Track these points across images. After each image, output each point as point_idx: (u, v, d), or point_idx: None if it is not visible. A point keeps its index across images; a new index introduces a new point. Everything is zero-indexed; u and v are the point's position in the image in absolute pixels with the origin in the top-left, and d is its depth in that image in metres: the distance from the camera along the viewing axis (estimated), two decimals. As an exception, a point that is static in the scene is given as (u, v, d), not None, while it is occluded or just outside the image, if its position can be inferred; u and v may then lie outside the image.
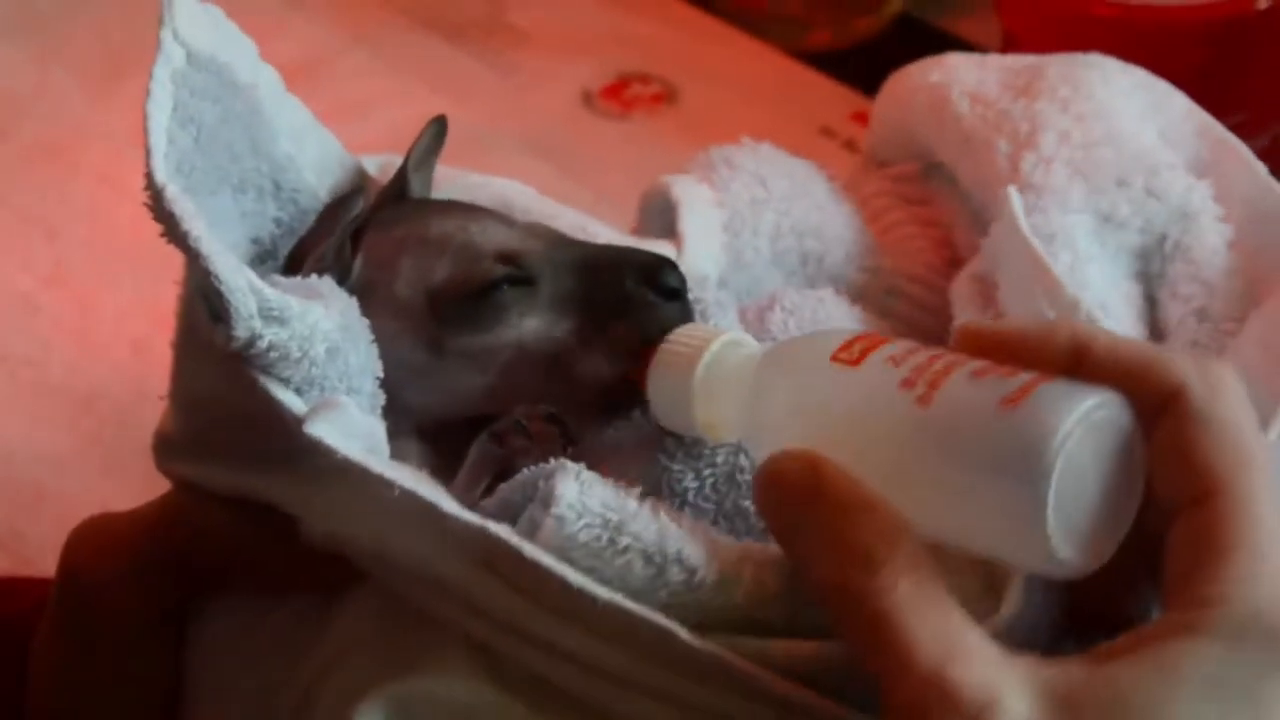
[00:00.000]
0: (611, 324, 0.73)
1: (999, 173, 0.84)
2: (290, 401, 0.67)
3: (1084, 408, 0.62)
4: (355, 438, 0.66)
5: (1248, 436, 0.64)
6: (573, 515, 0.65)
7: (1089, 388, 0.63)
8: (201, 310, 0.67)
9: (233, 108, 0.73)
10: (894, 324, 0.86)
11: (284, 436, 0.66)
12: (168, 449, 0.73)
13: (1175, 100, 0.88)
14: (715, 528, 0.72)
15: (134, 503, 0.73)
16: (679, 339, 0.71)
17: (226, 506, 0.70)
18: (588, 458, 0.69)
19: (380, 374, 0.71)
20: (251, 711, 0.71)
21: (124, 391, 1.05)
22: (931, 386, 0.64)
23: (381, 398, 0.71)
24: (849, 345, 0.67)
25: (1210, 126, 0.87)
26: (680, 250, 0.84)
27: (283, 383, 0.67)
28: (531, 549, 0.64)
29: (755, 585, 0.66)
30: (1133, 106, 0.87)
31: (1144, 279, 0.84)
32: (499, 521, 0.65)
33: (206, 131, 0.71)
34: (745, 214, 0.86)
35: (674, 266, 0.73)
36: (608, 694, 0.65)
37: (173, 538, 0.71)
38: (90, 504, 0.98)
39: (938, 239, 0.89)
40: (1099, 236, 0.83)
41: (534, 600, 0.65)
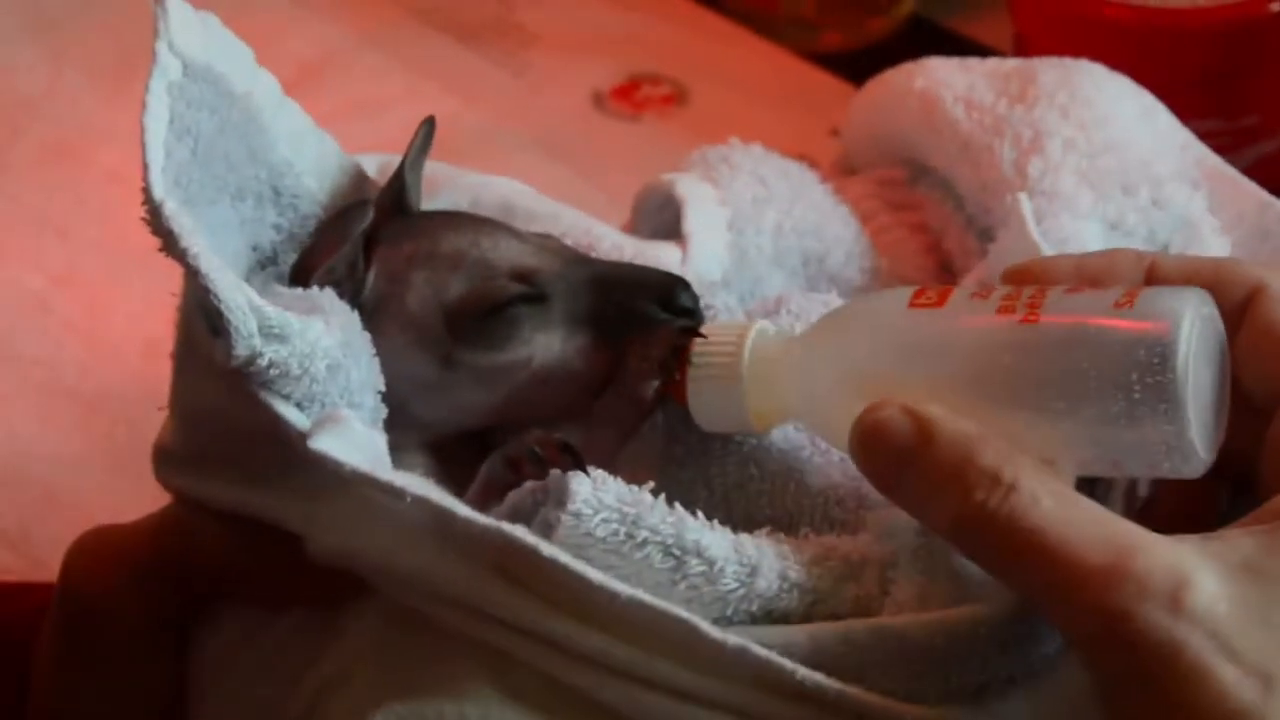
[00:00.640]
0: (628, 341, 0.72)
1: (1004, 177, 0.85)
2: (293, 417, 0.67)
3: (1194, 303, 0.63)
4: (359, 450, 0.66)
5: None
6: (589, 511, 0.65)
7: (1185, 289, 0.64)
8: (200, 324, 0.67)
9: (229, 117, 0.72)
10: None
11: (286, 451, 0.66)
12: (167, 462, 0.73)
13: (1160, 113, 0.89)
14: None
15: (144, 503, 0.73)
16: (710, 341, 0.71)
17: (226, 519, 0.70)
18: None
19: (382, 388, 0.71)
20: None
21: (135, 392, 1.05)
22: (1032, 307, 0.65)
23: (383, 412, 0.71)
24: (923, 292, 0.68)
25: (1193, 143, 0.88)
26: (686, 250, 0.84)
27: (284, 398, 0.67)
28: (549, 548, 0.64)
29: (775, 575, 0.67)
30: (1126, 115, 0.87)
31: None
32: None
33: (204, 142, 0.71)
34: (748, 212, 0.86)
35: (687, 286, 0.73)
36: (626, 696, 0.65)
37: (172, 549, 0.71)
38: (101, 505, 0.99)
39: (927, 244, 0.89)
40: (1106, 244, 0.83)
41: (550, 602, 0.65)
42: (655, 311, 0.73)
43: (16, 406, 1.06)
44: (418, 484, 0.65)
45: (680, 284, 0.73)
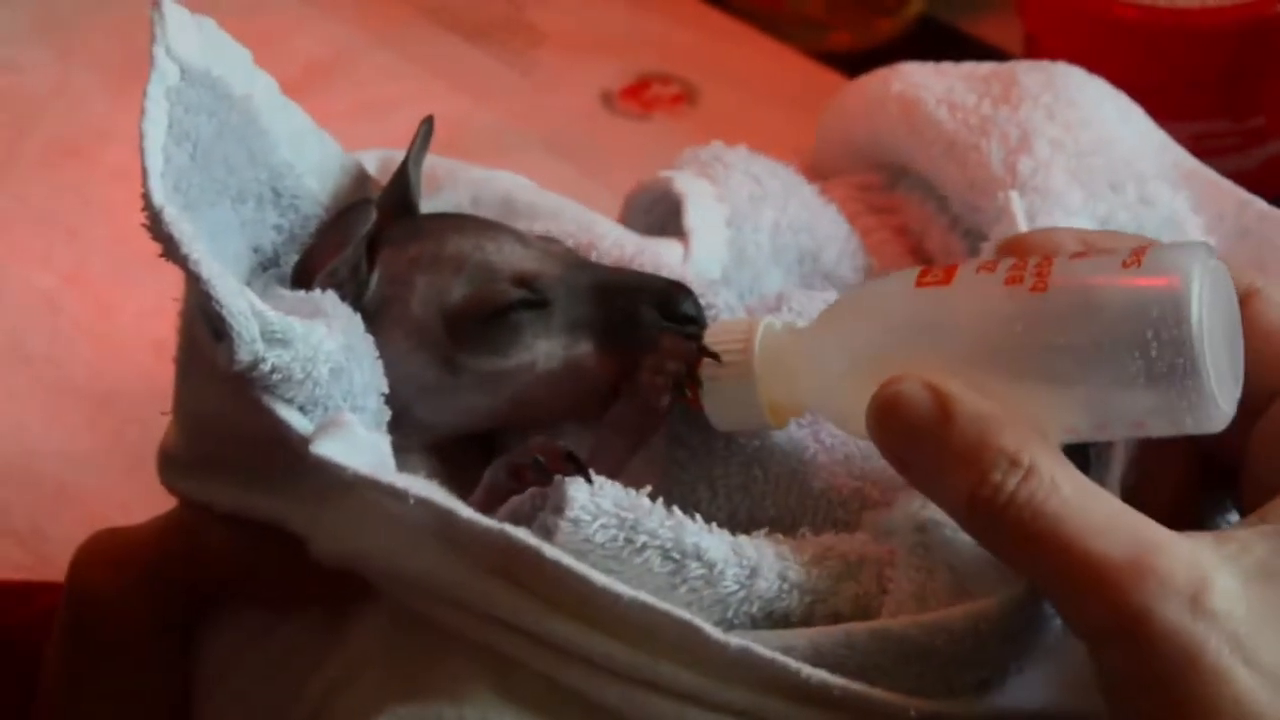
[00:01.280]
0: (630, 348, 0.72)
1: (994, 176, 0.85)
2: (295, 421, 0.67)
3: (1201, 256, 0.63)
4: (362, 454, 0.66)
5: None
6: (587, 517, 0.65)
7: (1189, 242, 0.64)
8: (203, 328, 0.67)
9: (228, 120, 0.72)
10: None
11: (290, 455, 0.66)
12: (172, 466, 0.73)
13: (1136, 114, 0.89)
14: (728, 536, 0.72)
15: (154, 501, 0.74)
16: (719, 340, 0.71)
17: (231, 522, 0.70)
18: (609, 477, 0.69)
19: (385, 391, 0.71)
20: None
21: (145, 391, 1.05)
22: (1040, 275, 0.64)
23: (386, 414, 0.71)
24: (928, 271, 0.67)
25: (1170, 145, 0.88)
26: (688, 247, 0.84)
27: (287, 403, 0.67)
28: (552, 550, 0.64)
29: (775, 576, 0.67)
30: (1108, 115, 0.88)
31: None
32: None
33: (203, 146, 0.71)
34: (746, 210, 0.86)
35: (689, 293, 0.73)
36: (628, 698, 0.65)
37: (178, 552, 0.72)
38: (110, 503, 1.00)
39: (909, 246, 0.89)
40: None
41: (552, 604, 0.65)
42: (657, 319, 0.72)
43: (26, 405, 1.07)
44: (420, 486, 0.65)
45: (682, 291, 0.73)
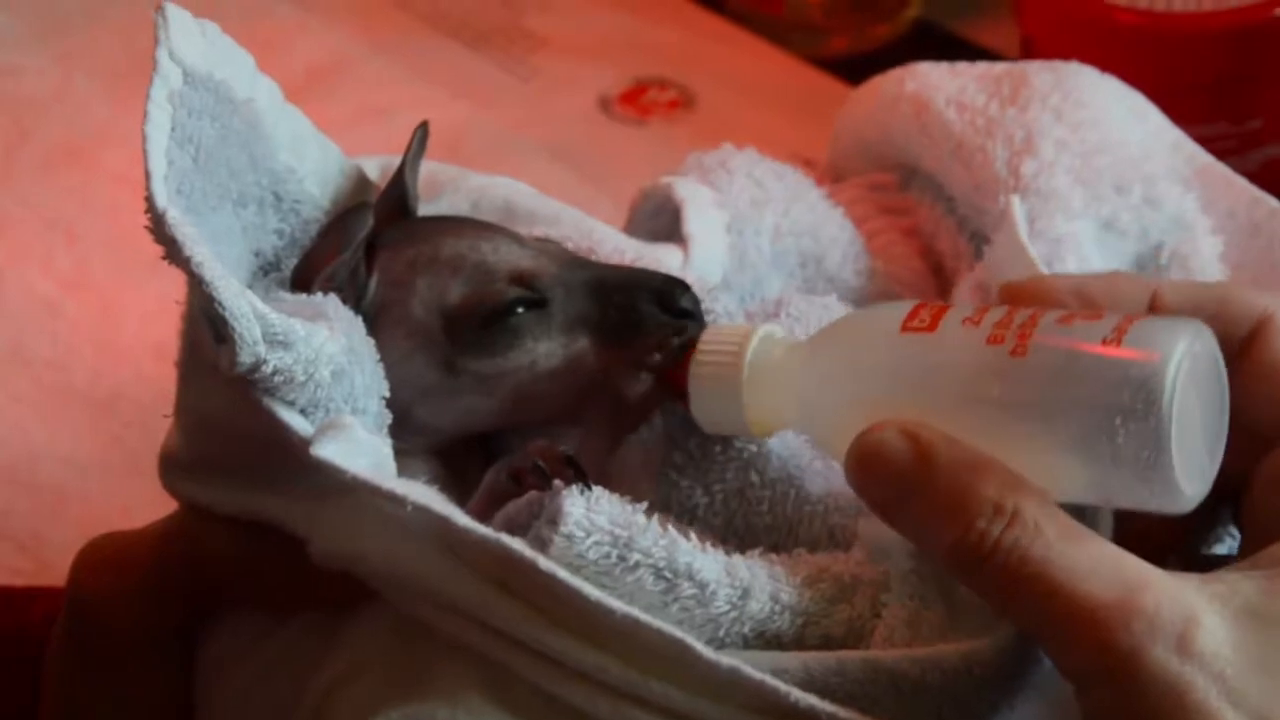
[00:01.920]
0: (629, 343, 0.72)
1: (998, 177, 0.84)
2: (296, 423, 0.67)
3: (1186, 338, 0.62)
4: (362, 456, 0.66)
5: None
6: (581, 533, 0.65)
7: (1180, 320, 0.63)
8: (205, 331, 0.67)
9: (231, 124, 0.72)
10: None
11: (291, 457, 0.66)
12: (173, 469, 0.73)
13: (1151, 113, 0.89)
14: (725, 544, 0.71)
15: (155, 506, 0.74)
16: (713, 341, 0.71)
17: (232, 526, 0.70)
18: (596, 477, 0.69)
19: (386, 394, 0.71)
20: None
21: (146, 394, 1.05)
22: (1021, 338, 0.64)
23: (388, 417, 0.71)
24: (916, 313, 0.67)
25: (1185, 142, 0.88)
26: (688, 252, 0.84)
27: (288, 405, 0.67)
28: (547, 562, 0.64)
29: (767, 597, 0.67)
30: (1118, 115, 0.87)
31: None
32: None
33: (205, 150, 0.71)
34: (747, 214, 0.86)
35: (686, 288, 0.73)
36: (619, 713, 0.65)
37: (180, 556, 0.72)
38: (112, 507, 1.00)
39: (919, 248, 0.89)
40: (1099, 243, 0.83)
41: (547, 616, 0.65)
42: (655, 313, 0.72)
43: (27, 410, 1.07)
44: (419, 491, 0.65)
45: (680, 285, 0.73)
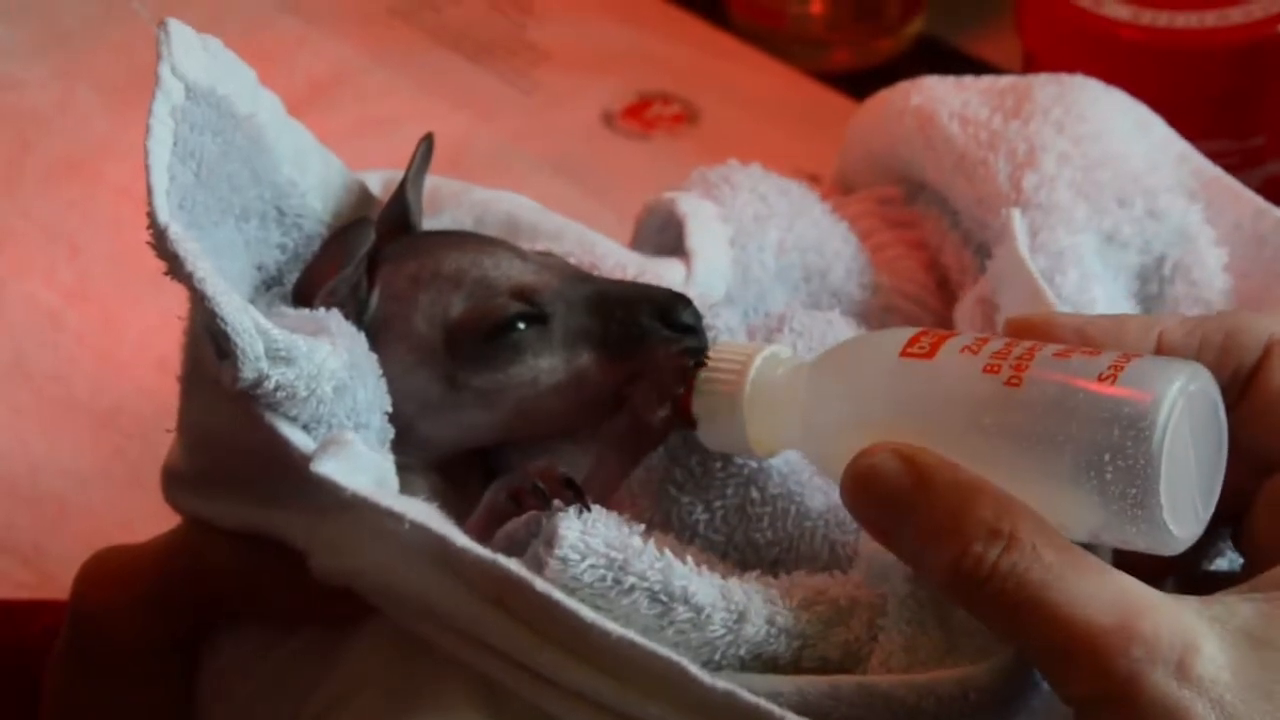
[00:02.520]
0: (631, 358, 0.72)
1: (1000, 191, 0.84)
2: (297, 439, 0.67)
3: (1181, 380, 0.62)
4: (363, 473, 0.66)
5: None
6: (576, 556, 0.65)
7: (1177, 361, 0.64)
8: (207, 346, 0.67)
9: (233, 139, 0.72)
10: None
11: (292, 472, 0.66)
12: (176, 483, 0.73)
13: (1156, 125, 0.89)
14: (725, 561, 0.72)
15: (156, 519, 0.74)
16: (719, 358, 0.71)
17: (234, 541, 0.70)
18: (611, 497, 0.69)
19: (389, 409, 0.71)
20: None
21: (148, 407, 1.05)
22: (1017, 369, 0.64)
23: (390, 432, 0.71)
24: (916, 340, 0.67)
25: (1190, 154, 0.88)
26: (691, 267, 0.83)
27: (290, 420, 0.67)
28: (543, 584, 0.64)
29: (763, 620, 0.67)
30: (1121, 128, 0.87)
31: (1142, 300, 0.84)
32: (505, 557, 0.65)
33: (208, 165, 0.71)
34: (750, 229, 0.85)
35: (688, 302, 0.73)
36: None
37: (182, 571, 0.71)
38: (113, 520, 1.00)
39: (925, 261, 0.89)
40: (1102, 256, 0.83)
41: (544, 636, 0.65)
42: (657, 329, 0.72)
43: (29, 422, 1.07)
44: (418, 509, 0.65)
45: (681, 300, 0.73)
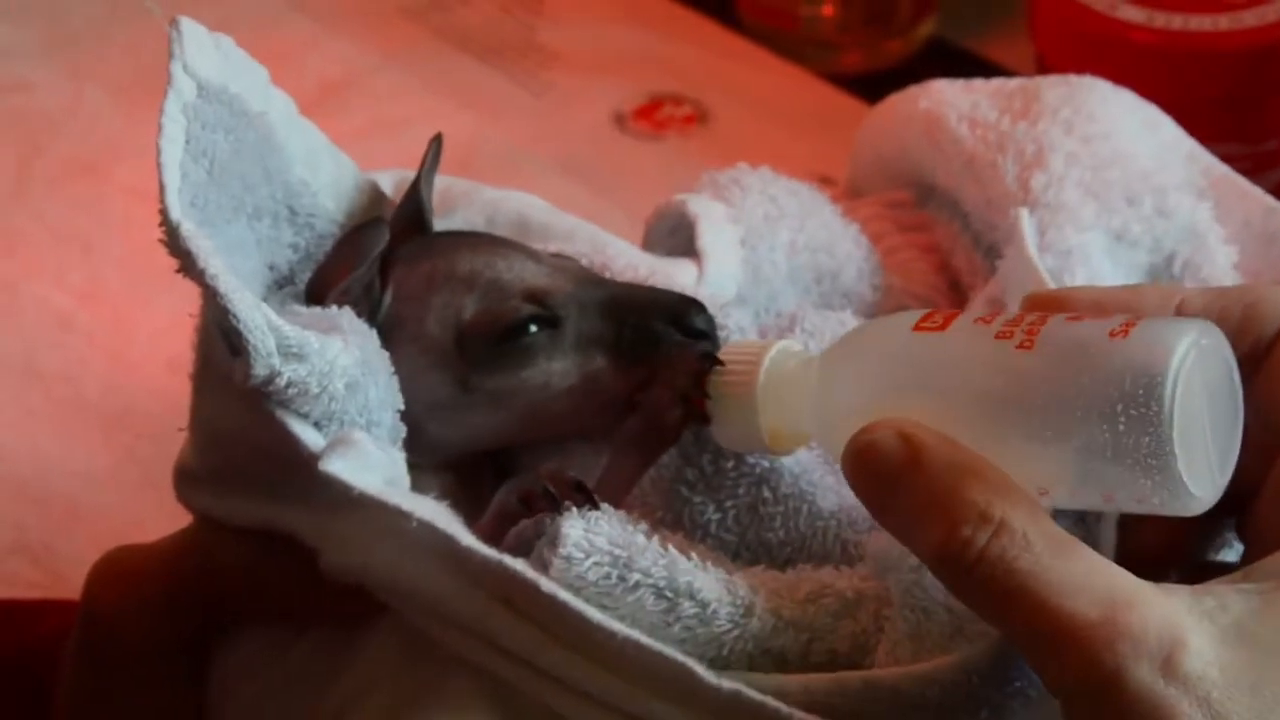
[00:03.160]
0: (645, 363, 0.72)
1: (1008, 192, 0.85)
2: (307, 437, 0.67)
3: (1193, 334, 0.62)
4: (372, 471, 0.66)
5: None
6: (580, 555, 0.65)
7: (1189, 319, 0.63)
8: (219, 344, 0.67)
9: (245, 137, 0.72)
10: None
11: (302, 469, 0.66)
12: (188, 481, 0.73)
13: (1165, 124, 0.89)
14: (737, 560, 0.72)
15: (167, 518, 0.74)
16: (730, 357, 0.71)
17: (246, 540, 0.70)
18: (626, 498, 0.69)
19: (401, 406, 0.71)
20: None
21: (159, 408, 1.05)
22: (1030, 334, 0.64)
23: (402, 430, 0.71)
24: (930, 316, 0.67)
25: (1199, 153, 0.88)
26: (702, 267, 0.83)
27: (302, 418, 0.67)
28: (549, 583, 0.64)
29: (770, 614, 0.67)
30: (1130, 127, 0.87)
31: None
32: (515, 557, 0.65)
33: (220, 163, 0.71)
34: (761, 229, 0.85)
35: (701, 307, 0.73)
36: None
37: (193, 570, 0.72)
38: (124, 520, 1.00)
39: (937, 264, 0.89)
40: (1111, 255, 0.83)
41: (551, 635, 0.65)
42: (670, 333, 0.72)
43: (40, 423, 1.07)
44: (426, 508, 0.65)
45: (694, 305, 0.73)
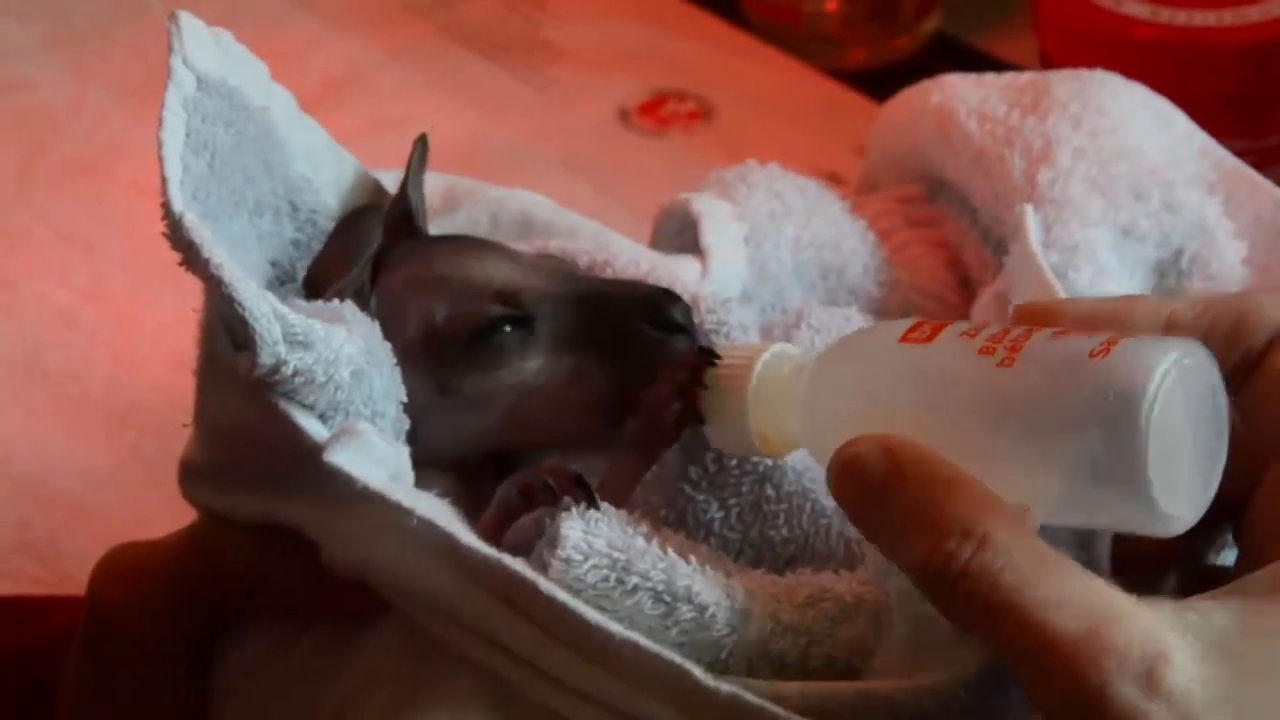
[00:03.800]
0: (624, 361, 0.72)
1: (1015, 187, 0.84)
2: (311, 428, 0.67)
3: (1174, 354, 0.61)
4: (377, 464, 0.66)
5: None
6: (579, 557, 0.65)
7: (1172, 338, 0.63)
8: (223, 338, 0.67)
9: (246, 131, 0.72)
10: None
11: (306, 463, 0.66)
12: (193, 477, 0.73)
13: (1177, 119, 0.89)
14: (740, 559, 0.72)
15: (172, 516, 0.74)
16: (726, 359, 0.71)
17: (250, 536, 0.70)
18: (629, 497, 0.69)
19: (404, 399, 0.70)
20: None
21: (163, 405, 1.05)
22: (1012, 350, 0.63)
23: (406, 422, 0.70)
24: (918, 327, 0.67)
25: (1212, 147, 0.88)
26: (706, 265, 0.83)
27: (306, 409, 0.67)
28: (548, 584, 0.64)
29: (768, 619, 0.66)
30: (1140, 122, 0.87)
31: (1159, 295, 0.84)
32: (514, 556, 0.65)
33: (220, 157, 0.71)
34: (766, 227, 0.85)
35: (677, 299, 0.72)
36: None
37: (198, 567, 0.71)
38: (128, 517, 1.00)
39: (946, 259, 0.89)
40: (1117, 250, 0.83)
41: (551, 635, 0.64)
42: (646, 329, 0.72)
43: (45, 420, 1.07)
44: (428, 505, 0.65)
45: (670, 298, 0.72)
